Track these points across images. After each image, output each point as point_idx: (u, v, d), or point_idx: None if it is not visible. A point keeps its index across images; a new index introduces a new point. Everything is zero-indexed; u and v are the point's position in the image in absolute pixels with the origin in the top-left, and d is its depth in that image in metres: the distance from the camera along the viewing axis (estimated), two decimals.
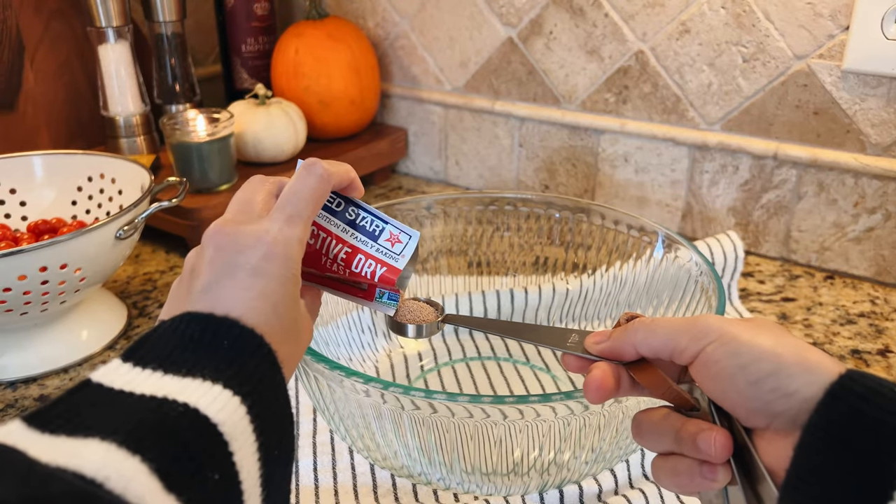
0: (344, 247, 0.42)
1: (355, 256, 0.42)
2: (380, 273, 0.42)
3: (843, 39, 0.74)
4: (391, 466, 0.51)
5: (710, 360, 0.32)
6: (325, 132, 1.02)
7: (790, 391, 0.30)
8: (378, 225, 0.43)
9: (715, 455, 0.32)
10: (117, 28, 0.91)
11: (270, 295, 0.34)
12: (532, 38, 0.94)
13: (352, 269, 0.42)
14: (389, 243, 0.42)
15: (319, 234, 0.42)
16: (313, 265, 0.43)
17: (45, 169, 0.76)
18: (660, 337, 0.35)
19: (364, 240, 0.42)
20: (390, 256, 0.42)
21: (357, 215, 0.43)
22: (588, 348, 0.37)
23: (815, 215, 0.81)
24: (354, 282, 0.43)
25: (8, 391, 0.63)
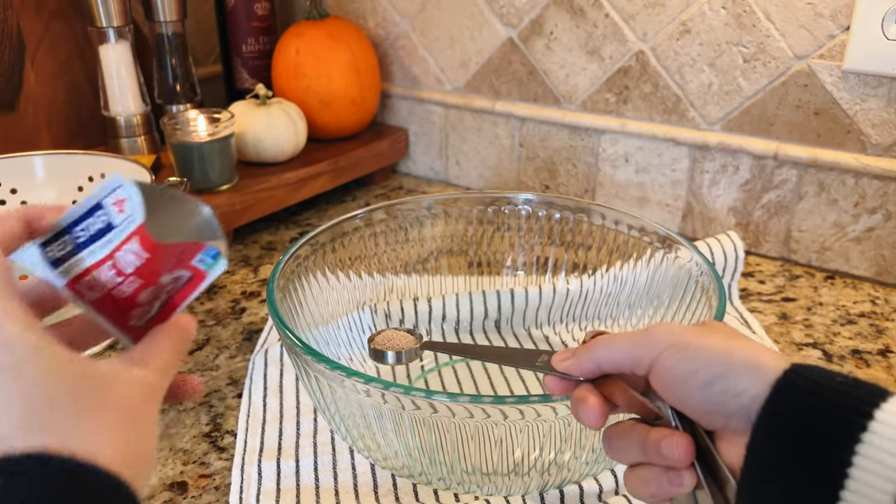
0: (106, 266, 0.33)
1: (116, 260, 0.33)
2: (137, 247, 0.33)
3: (843, 39, 0.74)
4: (392, 466, 0.51)
5: (664, 367, 0.33)
6: (325, 132, 1.02)
7: (739, 391, 0.31)
8: (99, 215, 0.33)
9: (678, 459, 0.33)
10: (118, 28, 0.91)
11: (6, 400, 0.27)
12: (532, 38, 0.94)
13: (137, 271, 0.33)
14: (122, 215, 0.33)
15: (84, 283, 0.33)
16: (125, 308, 0.34)
17: (46, 169, 0.76)
18: (619, 351, 0.35)
19: (106, 240, 0.33)
20: (129, 222, 0.33)
21: (82, 231, 0.34)
22: (555, 366, 0.38)
23: (816, 215, 0.81)
24: (171, 278, 0.35)
25: None
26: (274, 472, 0.53)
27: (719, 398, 0.31)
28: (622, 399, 0.36)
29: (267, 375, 0.64)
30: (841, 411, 0.29)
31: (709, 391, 0.32)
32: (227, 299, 0.77)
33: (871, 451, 0.27)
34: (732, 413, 0.31)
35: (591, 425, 0.36)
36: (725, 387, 0.31)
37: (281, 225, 0.95)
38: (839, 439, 0.28)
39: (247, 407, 0.60)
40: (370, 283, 0.69)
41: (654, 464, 0.34)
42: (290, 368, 0.65)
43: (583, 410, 0.36)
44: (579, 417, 0.36)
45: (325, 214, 0.98)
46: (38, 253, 0.33)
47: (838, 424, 0.28)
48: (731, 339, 0.33)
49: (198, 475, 0.54)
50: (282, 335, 0.49)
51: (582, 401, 0.36)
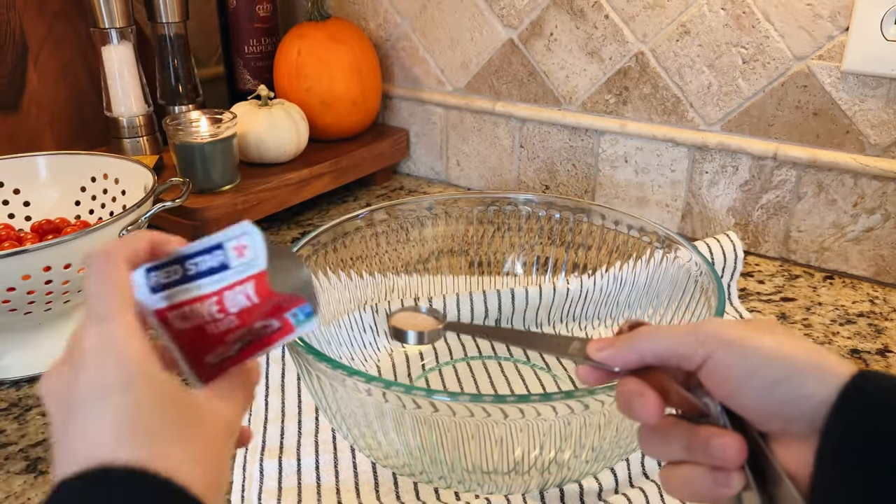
0: (211, 300, 0.35)
1: (224, 298, 0.35)
2: (251, 290, 0.35)
3: (842, 40, 0.74)
4: (393, 465, 0.51)
5: (720, 365, 0.32)
6: (327, 133, 1.02)
7: (804, 395, 0.30)
8: (216, 254, 0.35)
9: (730, 460, 0.32)
10: (120, 29, 0.91)
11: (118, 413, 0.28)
12: (533, 39, 0.94)
13: (236, 312, 0.35)
14: (241, 258, 0.35)
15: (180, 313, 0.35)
16: (209, 343, 0.36)
17: (49, 169, 0.76)
18: (666, 343, 0.34)
19: (218, 278, 0.35)
20: (248, 267, 0.35)
21: (194, 264, 0.35)
22: (590, 355, 0.36)
23: (815, 215, 0.81)
24: (262, 324, 0.36)
25: (11, 390, 0.64)
26: (276, 471, 0.54)
27: (782, 401, 0.30)
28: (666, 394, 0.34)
29: (269, 374, 0.64)
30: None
31: (772, 393, 0.30)
32: None
33: None
34: (794, 417, 0.30)
35: (649, 420, 0.34)
36: (790, 389, 0.30)
37: (283, 225, 0.96)
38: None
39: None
40: (371, 283, 0.69)
41: (699, 463, 0.33)
42: (291, 367, 0.65)
43: (639, 405, 0.33)
44: (632, 411, 0.34)
45: (327, 215, 0.99)
46: (143, 276, 0.35)
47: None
48: (790, 338, 0.32)
49: None
50: None
51: (638, 394, 0.33)
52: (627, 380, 0.35)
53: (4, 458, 0.56)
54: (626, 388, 0.35)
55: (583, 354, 0.37)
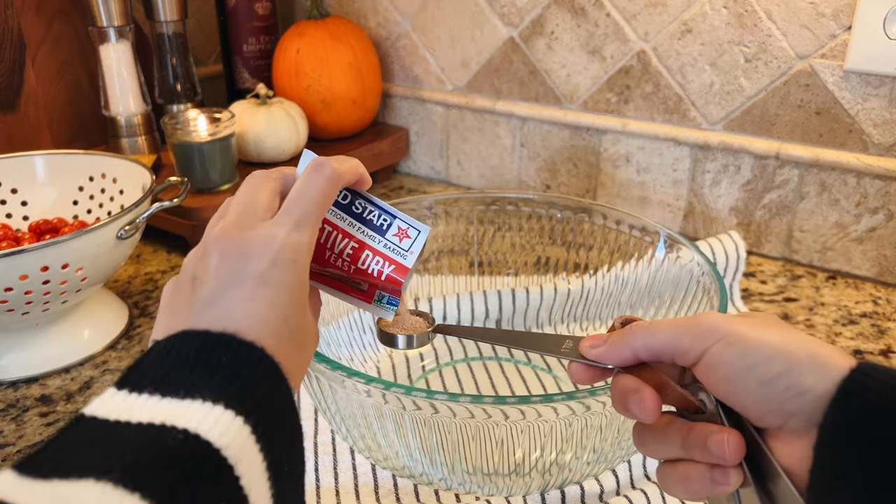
0: (351, 241, 0.40)
1: (362, 252, 0.40)
2: (387, 272, 0.40)
3: (845, 39, 0.74)
4: (393, 467, 0.50)
5: (717, 360, 0.31)
6: (326, 132, 1.02)
7: (803, 389, 0.30)
8: (386, 219, 0.40)
9: (728, 457, 0.31)
10: (119, 28, 0.91)
11: (279, 305, 0.32)
12: (534, 37, 0.94)
13: (357, 266, 0.40)
14: (398, 238, 0.40)
15: (325, 227, 0.40)
16: (316, 260, 0.40)
17: (47, 169, 0.76)
18: (661, 339, 0.33)
19: (372, 234, 0.40)
20: (398, 253, 0.40)
21: (364, 209, 0.40)
22: (583, 353, 0.36)
23: (817, 215, 0.81)
24: (356, 280, 0.41)
25: (9, 391, 0.63)
26: None
27: (781, 396, 0.30)
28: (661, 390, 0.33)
29: None
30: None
31: (771, 388, 0.30)
32: None
33: None
34: (794, 412, 0.30)
35: (646, 419, 0.33)
36: (789, 384, 0.30)
37: None
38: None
39: None
40: None
41: (697, 460, 0.33)
42: None
43: (636, 402, 0.33)
44: (629, 409, 0.34)
45: None
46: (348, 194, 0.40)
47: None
48: (788, 331, 0.31)
49: None
50: None
51: (634, 392, 0.33)
52: (622, 377, 0.34)
53: (2, 459, 0.55)
54: (621, 385, 0.34)
55: (575, 353, 0.37)
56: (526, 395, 0.42)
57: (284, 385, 0.31)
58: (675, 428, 0.34)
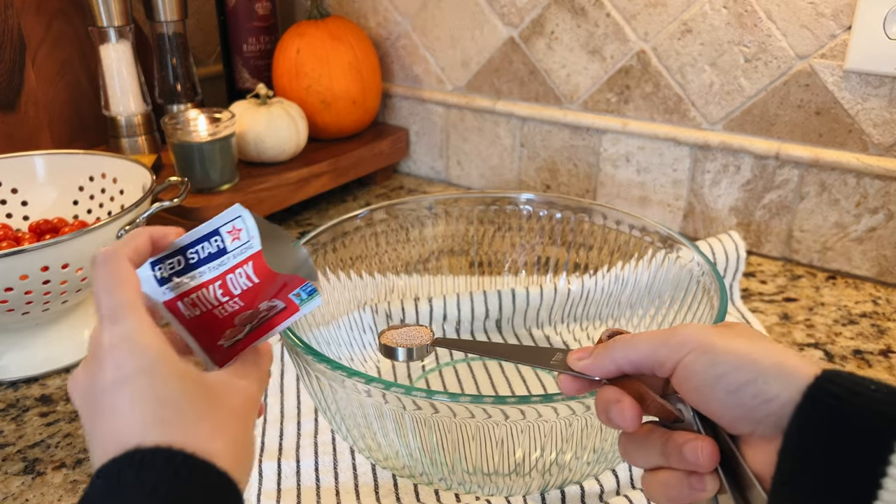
0: (217, 285, 0.37)
1: (236, 282, 0.37)
2: (251, 271, 0.36)
3: (845, 39, 0.74)
4: (393, 466, 0.51)
5: (690, 370, 0.32)
6: (326, 132, 1.02)
7: (770, 397, 0.30)
8: (213, 240, 0.37)
9: (702, 464, 0.32)
10: (119, 28, 0.91)
11: (144, 395, 0.30)
12: (534, 37, 0.94)
13: (249, 297, 0.37)
14: (237, 240, 0.37)
15: (190, 299, 0.37)
16: (219, 327, 0.37)
17: (47, 169, 0.76)
18: (640, 351, 0.34)
19: (223, 261, 0.37)
20: (249, 248, 0.37)
21: (195, 253, 0.37)
22: (570, 365, 0.37)
23: (817, 215, 0.81)
24: (269, 305, 0.38)
25: (10, 391, 0.63)
26: (275, 473, 0.53)
27: (749, 403, 0.31)
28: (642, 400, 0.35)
29: None
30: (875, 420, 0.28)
31: (738, 396, 0.31)
32: None
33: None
34: (761, 419, 0.31)
35: (627, 427, 0.34)
36: (755, 392, 0.31)
37: (282, 224, 0.95)
38: (873, 449, 0.28)
39: None
40: (371, 283, 0.69)
41: (675, 468, 0.34)
42: (290, 368, 0.64)
43: (616, 412, 0.34)
44: (611, 419, 0.35)
45: (326, 214, 0.98)
46: (149, 270, 0.37)
47: (872, 434, 0.28)
48: (758, 341, 0.32)
49: None
50: (282, 335, 0.49)
51: (615, 402, 0.35)
52: (605, 388, 0.36)
53: (2, 459, 0.55)
54: (603, 396, 0.35)
55: (564, 365, 0.38)
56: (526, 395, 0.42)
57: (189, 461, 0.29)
58: (655, 437, 0.35)
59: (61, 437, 0.58)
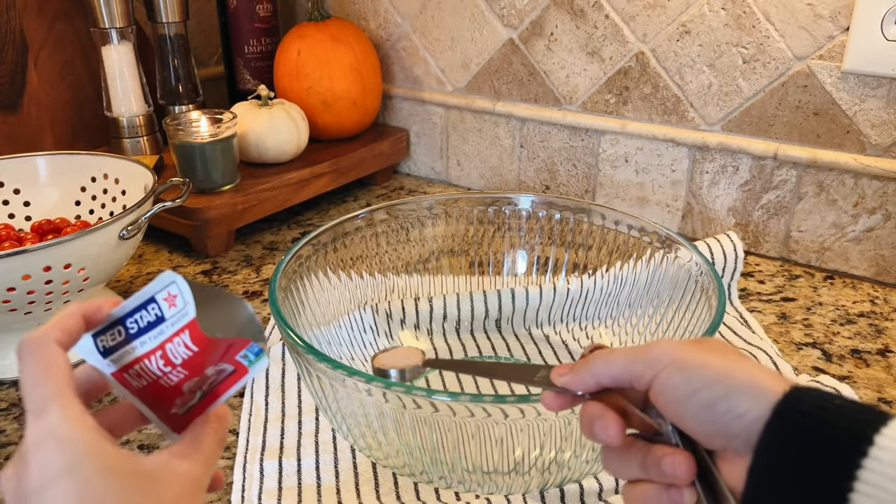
0: (158, 356, 0.36)
1: (175, 351, 0.36)
2: (188, 339, 0.36)
3: (843, 40, 0.74)
4: (393, 465, 0.51)
5: (665, 385, 0.33)
6: (327, 133, 1.02)
7: (741, 412, 0.31)
8: (151, 309, 0.36)
9: (679, 477, 0.33)
10: (120, 29, 0.91)
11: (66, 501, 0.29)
12: (533, 39, 0.94)
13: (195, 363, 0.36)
14: (174, 308, 0.36)
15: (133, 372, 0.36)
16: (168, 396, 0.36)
17: (49, 169, 0.76)
18: (617, 366, 0.35)
19: (161, 330, 0.36)
20: (181, 317, 0.36)
21: (134, 322, 0.36)
22: (553, 380, 0.38)
23: (815, 215, 0.81)
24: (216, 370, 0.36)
25: (12, 390, 0.64)
26: (276, 471, 0.54)
27: (721, 419, 0.31)
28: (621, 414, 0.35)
29: (269, 375, 0.64)
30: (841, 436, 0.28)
31: (711, 412, 0.32)
32: None
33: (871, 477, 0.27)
34: (734, 434, 0.31)
35: (611, 442, 0.35)
36: (727, 408, 0.31)
37: (283, 225, 0.96)
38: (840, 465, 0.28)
39: (249, 406, 0.60)
40: (371, 283, 0.69)
41: (655, 480, 0.34)
42: (291, 368, 0.65)
43: (600, 427, 0.35)
44: (595, 434, 0.35)
45: (327, 214, 0.99)
46: (91, 343, 0.36)
47: (839, 450, 0.28)
48: (732, 358, 0.33)
49: None
50: (284, 335, 0.49)
51: (600, 416, 0.35)
52: (588, 404, 0.36)
53: (4, 459, 0.56)
54: (587, 411, 0.36)
55: (547, 382, 0.38)
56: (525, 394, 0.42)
57: None
58: (635, 450, 0.35)
59: None
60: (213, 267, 0.84)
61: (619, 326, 0.67)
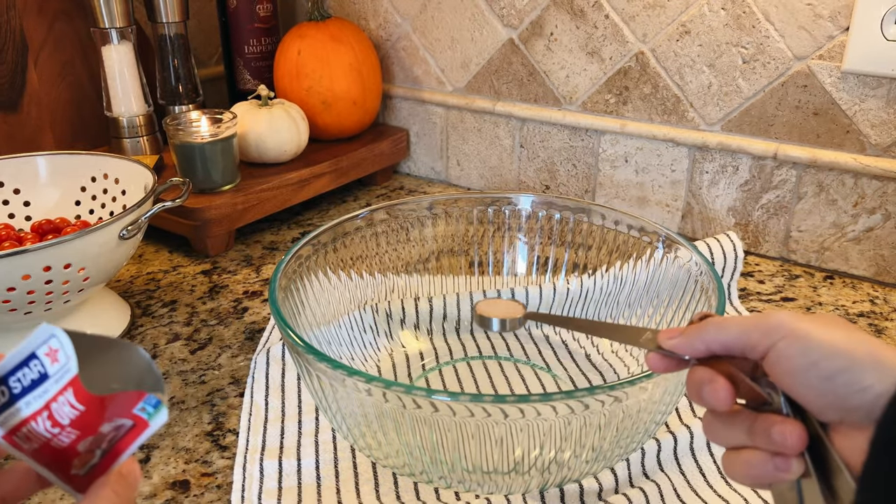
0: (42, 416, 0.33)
1: (52, 412, 0.33)
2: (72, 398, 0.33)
3: (842, 40, 0.74)
4: (393, 465, 0.51)
5: (783, 355, 0.33)
6: (327, 133, 1.02)
7: (864, 386, 0.31)
8: (34, 365, 0.33)
9: (789, 446, 0.33)
10: (120, 29, 0.91)
11: None
12: (533, 39, 0.94)
13: (68, 424, 0.33)
14: (57, 364, 0.33)
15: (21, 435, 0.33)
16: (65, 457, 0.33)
17: (49, 169, 0.76)
18: (731, 334, 0.35)
19: (42, 391, 0.33)
20: (64, 373, 0.33)
21: (17, 381, 0.33)
22: (661, 343, 0.38)
23: (815, 215, 0.81)
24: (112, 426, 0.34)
25: None
26: (276, 471, 0.54)
27: (842, 392, 0.31)
28: (731, 381, 0.35)
29: (269, 374, 0.64)
30: None
31: (831, 384, 0.32)
32: (230, 299, 0.78)
33: None
34: (853, 408, 0.31)
35: (720, 407, 0.35)
36: (849, 381, 0.31)
37: (283, 225, 0.96)
38: None
39: (249, 406, 0.61)
40: (371, 283, 0.69)
41: (761, 448, 0.34)
42: (291, 367, 0.65)
43: (710, 392, 0.35)
44: (703, 398, 0.35)
45: (327, 214, 0.99)
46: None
47: None
48: (853, 331, 0.33)
49: (200, 473, 0.54)
50: (284, 334, 0.49)
51: (710, 381, 0.35)
52: (697, 369, 0.36)
53: (4, 459, 0.56)
54: (696, 376, 0.36)
55: (653, 343, 0.39)
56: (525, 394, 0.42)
57: None
58: (742, 417, 0.35)
59: None
60: (213, 267, 0.85)
61: None
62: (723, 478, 0.53)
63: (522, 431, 0.45)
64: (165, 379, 0.65)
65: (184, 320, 0.74)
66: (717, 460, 0.54)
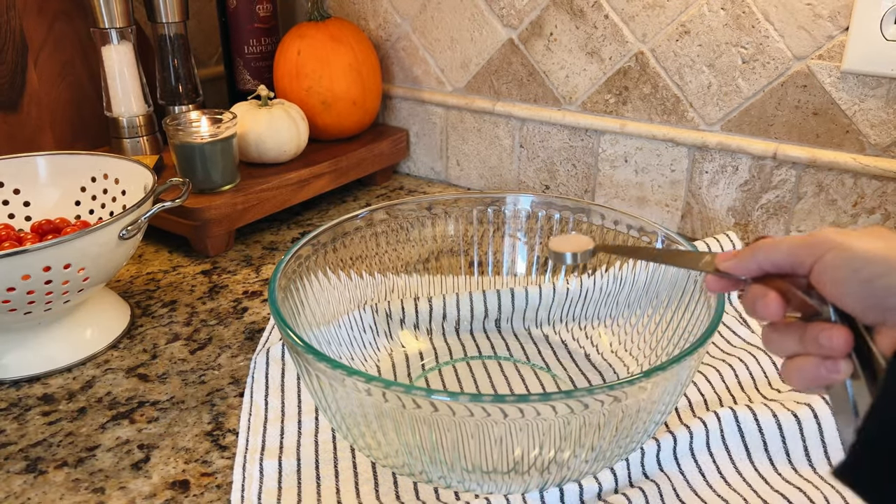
0: None
1: None
2: None
3: (842, 40, 0.74)
4: (392, 465, 0.51)
5: (828, 266, 0.36)
6: (326, 133, 1.02)
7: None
8: None
9: (836, 349, 0.36)
10: (120, 29, 0.91)
11: None
12: (532, 39, 0.94)
13: None
14: None
15: None
16: None
17: (49, 169, 0.76)
18: (781, 252, 0.38)
19: None
20: None
21: None
22: (717, 265, 0.42)
23: (815, 215, 0.81)
24: None
25: (11, 390, 0.64)
26: (275, 471, 0.54)
27: (880, 293, 0.34)
28: (784, 295, 0.38)
29: (268, 374, 0.64)
30: None
31: (870, 287, 0.34)
32: (230, 299, 0.78)
33: None
34: (891, 307, 0.34)
35: (771, 317, 0.38)
36: (887, 284, 0.34)
37: (283, 225, 0.96)
38: None
39: (248, 406, 0.61)
40: (371, 283, 0.69)
41: (812, 354, 0.37)
42: (291, 367, 0.65)
43: (762, 305, 0.38)
44: (756, 311, 0.39)
45: (327, 214, 0.99)
46: None
47: None
48: (892, 241, 0.36)
49: (200, 473, 0.54)
50: (283, 334, 0.49)
51: (762, 296, 0.38)
52: (753, 286, 0.40)
53: (4, 458, 0.56)
54: (751, 293, 0.40)
55: (711, 266, 0.42)
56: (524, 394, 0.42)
57: None
58: (794, 328, 0.39)
59: (63, 436, 0.58)
60: (213, 267, 0.85)
61: (619, 326, 0.67)
62: (723, 478, 0.53)
63: (522, 431, 0.45)
64: (166, 379, 0.65)
65: (184, 320, 0.74)
66: (716, 460, 0.54)
